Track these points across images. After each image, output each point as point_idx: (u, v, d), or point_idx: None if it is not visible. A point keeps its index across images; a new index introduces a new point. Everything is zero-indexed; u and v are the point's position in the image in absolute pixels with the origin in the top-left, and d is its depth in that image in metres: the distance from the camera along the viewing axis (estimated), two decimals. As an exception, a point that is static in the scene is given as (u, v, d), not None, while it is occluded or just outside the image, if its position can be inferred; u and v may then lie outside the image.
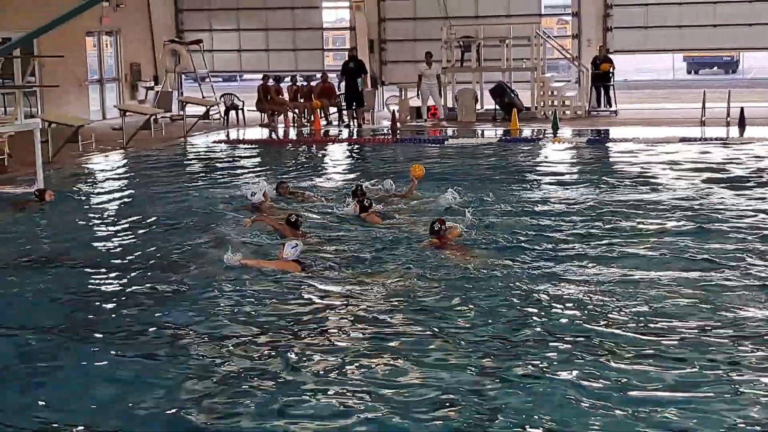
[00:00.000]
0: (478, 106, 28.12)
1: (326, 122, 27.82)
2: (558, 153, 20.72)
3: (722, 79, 40.44)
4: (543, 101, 27.62)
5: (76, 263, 11.14)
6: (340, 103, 28.21)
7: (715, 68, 44.65)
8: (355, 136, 25.23)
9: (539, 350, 7.81)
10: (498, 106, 27.45)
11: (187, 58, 30.53)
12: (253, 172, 18.44)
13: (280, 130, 26.58)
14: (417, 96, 28.01)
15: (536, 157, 20.13)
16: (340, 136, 25.15)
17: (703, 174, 16.82)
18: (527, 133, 24.15)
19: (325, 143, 23.74)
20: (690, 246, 11.12)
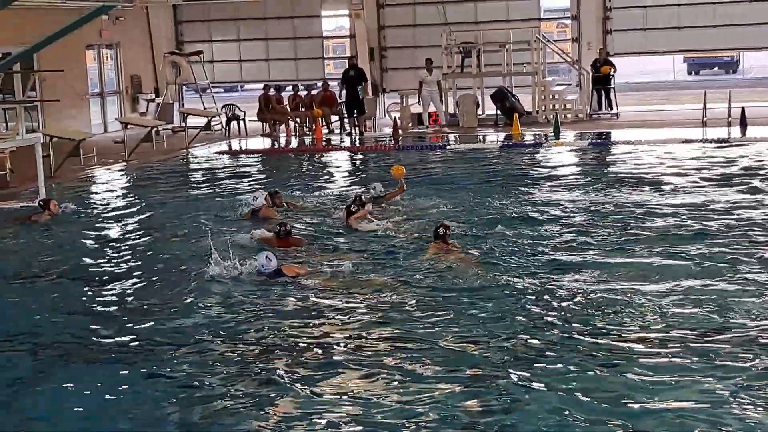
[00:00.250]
0: (480, 112, 28.09)
1: (328, 131, 27.78)
2: (560, 157, 20.69)
3: (723, 79, 40.40)
4: (544, 105, 27.59)
5: (80, 277, 11.15)
6: (342, 112, 28.18)
7: (716, 69, 44.59)
8: (356, 144, 25.21)
9: (544, 356, 7.79)
10: (499, 111, 27.42)
11: (188, 69, 30.54)
12: (256, 182, 18.44)
13: (282, 140, 26.58)
14: (418, 103, 28.00)
15: (539, 162, 20.09)
16: (342, 145, 25.14)
17: (707, 175, 16.80)
18: (529, 138, 24.12)
19: (327, 152, 23.73)
20: (696, 249, 11.07)
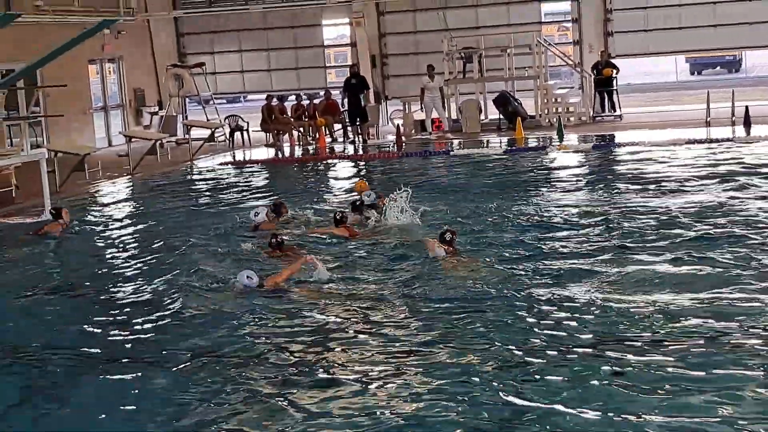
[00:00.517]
0: (482, 117, 28.11)
1: (331, 139, 27.80)
2: (564, 160, 20.66)
3: (726, 78, 40.36)
4: (547, 109, 27.60)
5: (89, 290, 11.19)
6: (344, 120, 28.20)
7: (718, 68, 44.54)
8: (360, 152, 25.22)
9: (551, 361, 7.80)
10: (502, 116, 27.43)
11: (190, 81, 30.59)
12: (261, 193, 18.47)
13: (286, 150, 26.60)
14: (420, 109, 28.02)
15: (543, 166, 20.08)
16: (346, 153, 25.15)
17: (712, 176, 16.74)
18: (533, 142, 24.13)
19: (331, 160, 23.74)
20: (704, 252, 11.03)
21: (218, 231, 14.23)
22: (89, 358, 8.65)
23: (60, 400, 7.65)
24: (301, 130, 27.91)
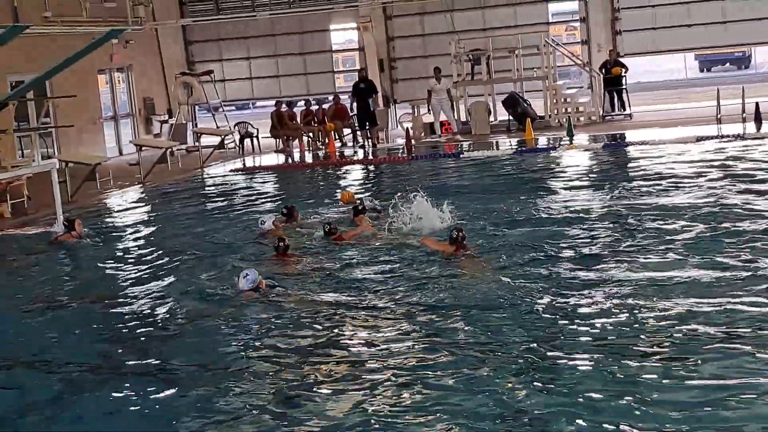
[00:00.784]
0: (492, 118, 28.09)
1: (341, 144, 27.81)
2: (575, 160, 20.62)
3: (735, 75, 40.23)
4: (556, 109, 27.56)
5: (100, 300, 11.18)
6: (354, 124, 28.21)
7: (728, 65, 44.40)
8: (370, 156, 25.22)
9: (562, 361, 7.78)
10: (511, 117, 27.41)
11: (199, 89, 30.67)
12: (272, 199, 18.48)
13: (296, 155, 26.61)
14: (428, 112, 28.01)
15: (554, 166, 20.04)
16: (356, 157, 25.15)
17: (724, 173, 16.66)
18: (543, 142, 24.10)
19: (341, 165, 23.74)
20: (718, 250, 10.97)
21: (229, 239, 14.24)
22: (95, 368, 8.65)
23: (65, 410, 7.66)
24: (311, 135, 27.91)
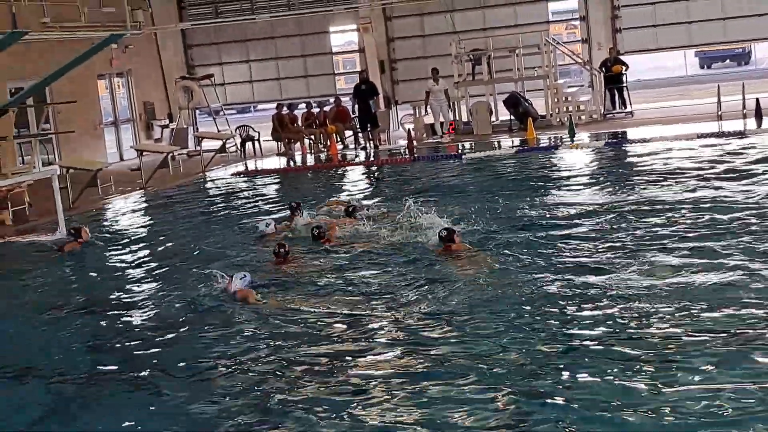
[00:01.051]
0: (493, 118, 28.06)
1: (342, 146, 27.79)
2: (577, 159, 20.59)
3: (735, 71, 40.20)
4: (557, 108, 27.53)
5: (103, 307, 11.14)
6: (355, 126, 28.19)
7: (728, 61, 44.38)
8: (372, 158, 25.19)
9: (561, 361, 7.76)
10: (513, 117, 27.38)
11: (200, 93, 30.64)
12: (274, 202, 18.45)
13: (298, 158, 26.58)
14: (425, 113, 27.97)
15: (556, 165, 20.02)
16: (357, 159, 25.12)
17: (726, 170, 16.65)
18: (544, 142, 24.06)
19: (343, 167, 23.71)
20: (721, 246, 10.92)
21: (231, 243, 14.20)
22: (102, 375, 8.64)
23: (74, 418, 7.65)
24: (312, 138, 27.90)
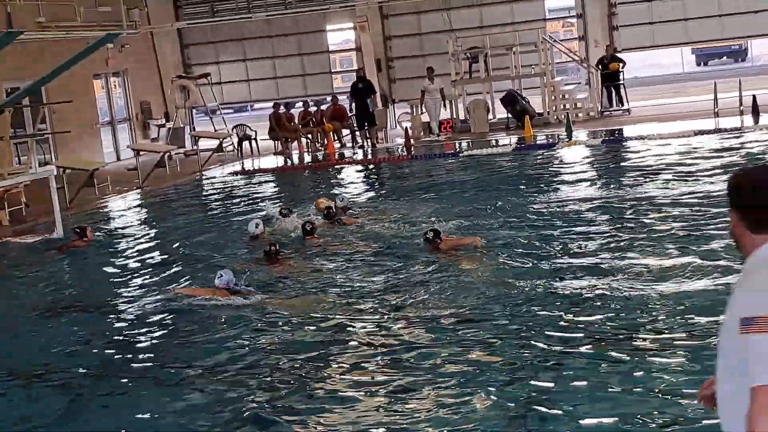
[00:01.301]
0: (490, 116, 28.04)
1: (340, 145, 27.77)
2: (574, 156, 20.59)
3: (732, 68, 40.22)
4: (555, 106, 27.51)
5: (99, 307, 11.13)
6: (352, 125, 28.17)
7: (724, 58, 44.39)
8: (369, 156, 25.18)
9: (558, 359, 7.75)
10: (510, 114, 27.36)
11: (196, 92, 30.58)
12: (271, 201, 18.44)
13: (295, 157, 26.56)
14: (420, 112, 27.94)
15: (553, 162, 20.02)
16: (355, 158, 25.10)
17: (723, 166, 16.63)
18: (542, 139, 24.05)
19: (340, 166, 23.70)
20: (719, 243, 10.90)
21: (228, 242, 14.20)
22: (102, 375, 8.62)
23: (74, 418, 7.64)
24: (310, 136, 27.87)
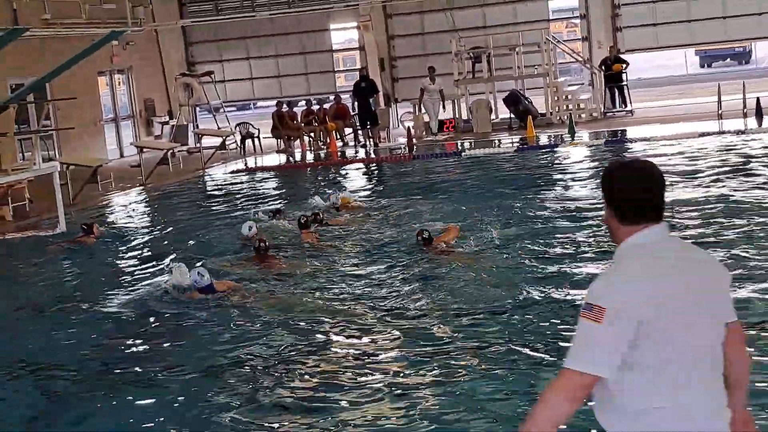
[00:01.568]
0: (493, 116, 28.04)
1: (342, 144, 27.78)
2: (577, 157, 20.61)
3: (736, 70, 40.20)
4: (557, 106, 27.51)
5: (98, 304, 11.12)
6: (355, 124, 28.18)
7: (728, 60, 44.36)
8: (371, 156, 25.20)
9: (555, 359, 7.76)
10: (513, 115, 27.36)
11: (200, 90, 30.62)
12: (274, 199, 18.47)
13: (297, 155, 26.58)
14: (418, 110, 27.93)
15: (556, 163, 20.03)
16: (357, 157, 25.12)
17: (726, 168, 16.66)
18: (544, 140, 24.06)
19: (343, 164, 23.72)
20: (721, 244, 10.92)
21: (229, 241, 14.20)
22: (101, 375, 8.62)
23: (74, 418, 7.65)
24: (312, 135, 27.89)
